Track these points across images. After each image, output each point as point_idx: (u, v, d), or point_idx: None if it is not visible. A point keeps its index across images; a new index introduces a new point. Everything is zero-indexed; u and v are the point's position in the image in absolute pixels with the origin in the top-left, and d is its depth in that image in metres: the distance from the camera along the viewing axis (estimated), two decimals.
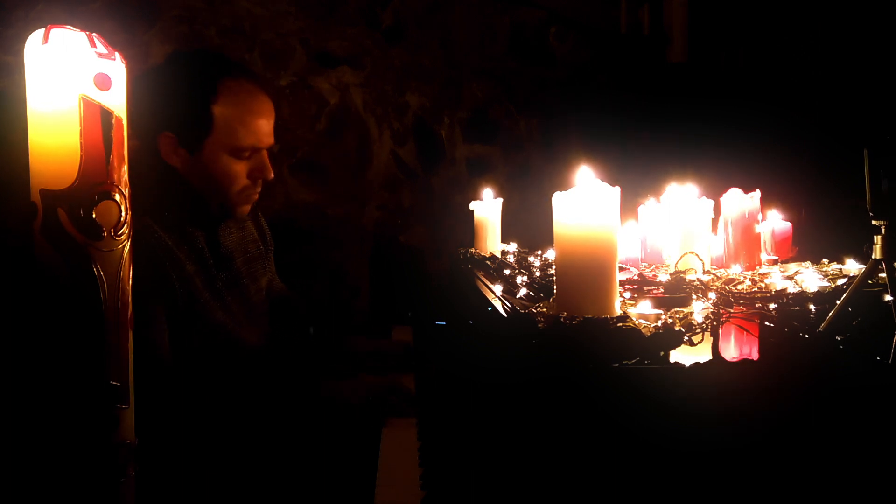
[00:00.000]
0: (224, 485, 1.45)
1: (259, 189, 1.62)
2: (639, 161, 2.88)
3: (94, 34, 0.77)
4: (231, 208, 1.60)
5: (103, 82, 0.76)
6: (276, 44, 2.84)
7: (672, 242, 1.52)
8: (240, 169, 1.55)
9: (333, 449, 1.51)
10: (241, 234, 1.77)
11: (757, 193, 1.49)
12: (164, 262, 1.47)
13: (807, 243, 1.76)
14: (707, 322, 0.97)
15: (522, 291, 1.25)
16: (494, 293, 1.35)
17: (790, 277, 1.32)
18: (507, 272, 1.52)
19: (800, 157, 2.43)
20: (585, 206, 0.84)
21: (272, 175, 1.61)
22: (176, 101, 1.50)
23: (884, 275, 0.97)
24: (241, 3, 2.80)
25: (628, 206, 1.27)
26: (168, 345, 1.47)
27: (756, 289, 1.24)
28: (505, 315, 1.15)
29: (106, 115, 0.76)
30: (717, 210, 1.52)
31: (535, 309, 0.93)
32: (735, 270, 1.42)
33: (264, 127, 1.57)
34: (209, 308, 1.56)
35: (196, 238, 1.57)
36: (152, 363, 1.43)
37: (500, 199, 1.97)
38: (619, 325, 0.83)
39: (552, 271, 1.32)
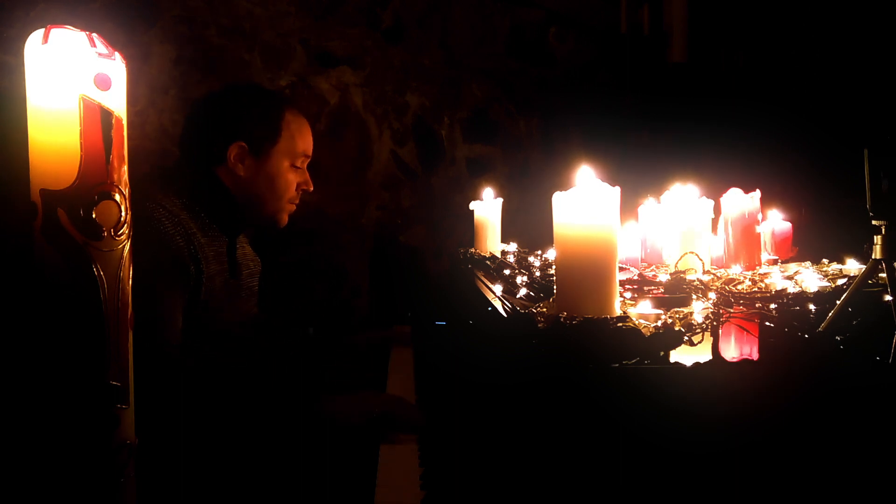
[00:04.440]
0: (223, 485, 1.45)
1: (298, 201, 1.85)
2: (639, 161, 2.87)
3: (94, 34, 0.77)
4: (278, 213, 1.81)
5: (103, 82, 0.76)
6: (276, 44, 2.84)
7: (672, 242, 1.52)
8: (293, 178, 1.80)
9: (334, 449, 1.51)
10: (244, 251, 1.91)
11: (757, 193, 1.49)
12: (195, 255, 1.62)
13: (807, 243, 1.76)
14: (707, 322, 0.97)
15: (522, 291, 1.25)
16: (494, 293, 1.35)
17: (790, 277, 1.32)
18: (507, 272, 1.52)
19: (800, 157, 2.43)
20: (585, 206, 0.84)
21: (312, 187, 1.85)
22: (250, 116, 1.76)
23: (884, 275, 0.97)
24: (241, 3, 2.80)
25: (628, 206, 1.27)
26: (180, 332, 1.56)
27: (756, 289, 1.24)
28: (505, 315, 1.15)
29: (106, 115, 0.76)
30: (717, 210, 1.52)
31: (535, 309, 0.93)
32: (735, 270, 1.42)
33: (311, 140, 1.86)
34: (223, 309, 1.69)
35: (221, 243, 1.75)
36: (160, 344, 1.50)
37: (500, 199, 1.97)
38: (619, 325, 0.83)
39: (552, 271, 1.32)
